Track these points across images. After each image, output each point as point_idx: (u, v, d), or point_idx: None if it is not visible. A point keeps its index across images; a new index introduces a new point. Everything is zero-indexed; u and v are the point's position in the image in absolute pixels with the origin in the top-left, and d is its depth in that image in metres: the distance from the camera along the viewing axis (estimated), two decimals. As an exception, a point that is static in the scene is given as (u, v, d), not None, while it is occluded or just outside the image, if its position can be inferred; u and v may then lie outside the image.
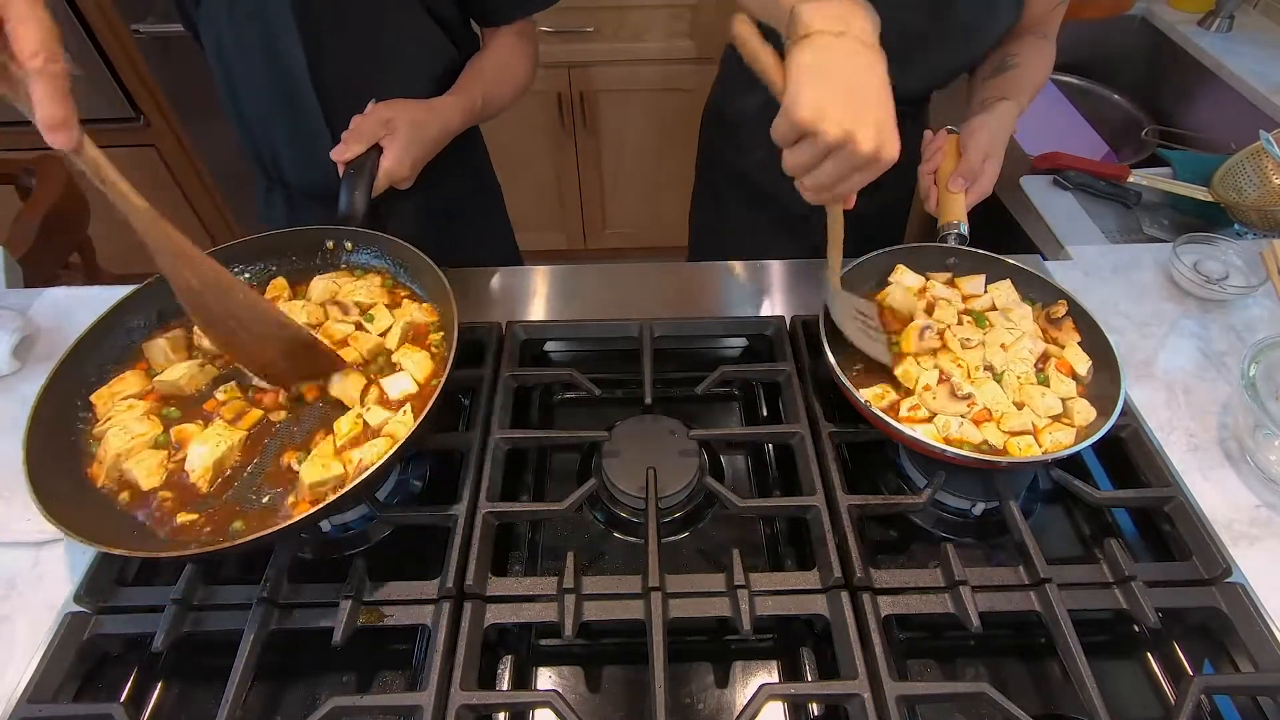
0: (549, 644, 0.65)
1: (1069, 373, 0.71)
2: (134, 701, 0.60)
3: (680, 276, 0.98)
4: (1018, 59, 0.91)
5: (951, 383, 0.69)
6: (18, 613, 0.64)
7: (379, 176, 0.78)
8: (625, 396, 0.83)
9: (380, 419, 0.63)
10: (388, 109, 0.80)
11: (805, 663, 0.62)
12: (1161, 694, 0.61)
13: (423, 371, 0.68)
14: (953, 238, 0.81)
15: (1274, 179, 1.11)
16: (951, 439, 0.66)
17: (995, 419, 0.68)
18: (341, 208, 0.76)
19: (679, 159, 2.22)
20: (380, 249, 0.78)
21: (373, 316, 0.72)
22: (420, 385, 0.67)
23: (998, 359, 0.72)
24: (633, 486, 0.69)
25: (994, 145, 0.81)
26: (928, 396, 0.69)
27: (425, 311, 0.74)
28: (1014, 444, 0.66)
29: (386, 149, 0.78)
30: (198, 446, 0.61)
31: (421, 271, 0.76)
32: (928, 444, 0.64)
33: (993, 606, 0.60)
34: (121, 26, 1.76)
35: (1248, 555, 0.66)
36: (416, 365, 0.68)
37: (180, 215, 2.23)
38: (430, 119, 0.84)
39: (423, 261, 0.74)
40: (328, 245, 0.79)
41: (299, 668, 0.62)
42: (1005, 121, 0.84)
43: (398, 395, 0.66)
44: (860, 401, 0.67)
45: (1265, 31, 1.55)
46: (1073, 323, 0.75)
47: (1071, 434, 0.66)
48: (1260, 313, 0.91)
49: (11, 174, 1.36)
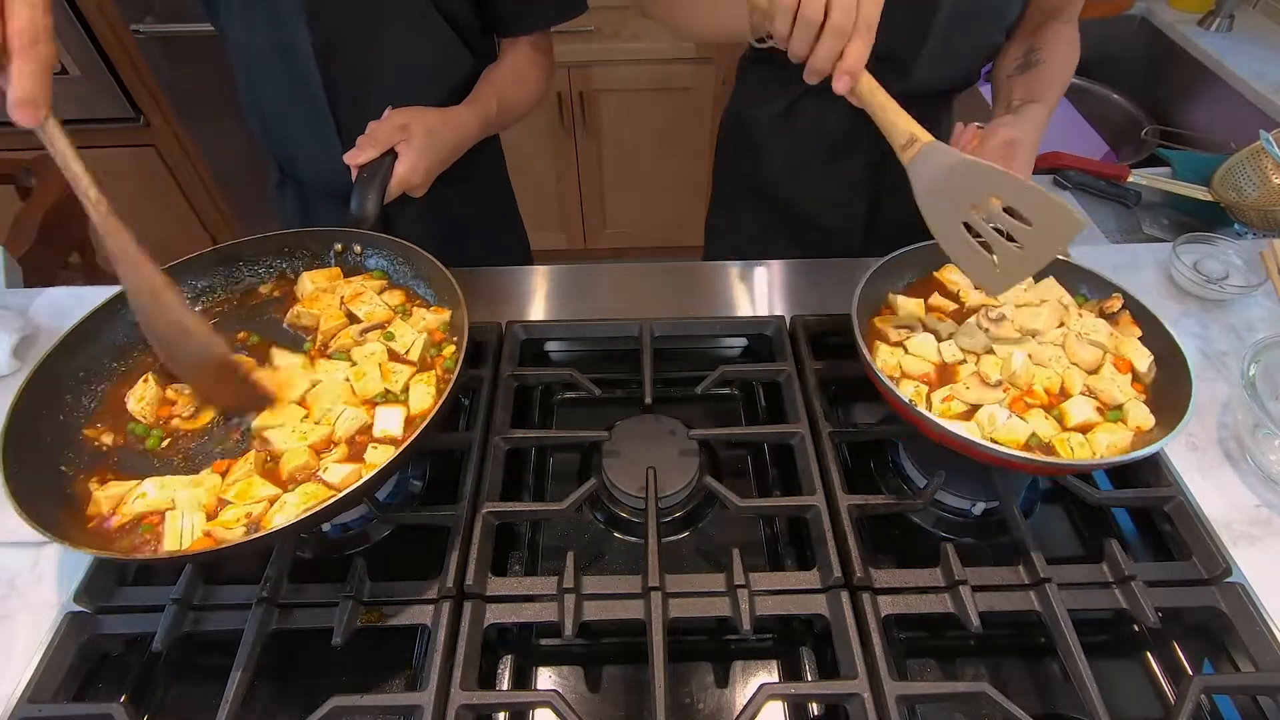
0: (549, 644, 0.65)
1: (1128, 370, 0.67)
2: (134, 701, 0.60)
3: (680, 276, 0.98)
4: (1042, 54, 0.89)
5: (980, 371, 0.66)
6: (18, 613, 0.64)
7: (392, 183, 0.78)
8: (625, 396, 0.83)
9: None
10: (404, 115, 0.81)
11: (805, 662, 0.62)
12: (1161, 694, 0.61)
13: (421, 406, 0.65)
14: None
15: (1274, 179, 1.11)
16: (999, 437, 0.61)
17: (1038, 400, 0.64)
18: (353, 211, 0.76)
19: (679, 159, 2.23)
20: (390, 252, 0.78)
21: (393, 334, 0.70)
22: (411, 417, 0.64)
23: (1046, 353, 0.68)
24: (633, 486, 0.69)
25: (1021, 143, 0.78)
26: (960, 388, 0.65)
27: (436, 313, 0.73)
28: (1063, 441, 0.62)
29: (401, 155, 0.78)
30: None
31: (431, 276, 0.75)
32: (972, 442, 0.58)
33: (993, 606, 0.60)
34: (121, 26, 1.76)
35: (1247, 555, 0.66)
36: (418, 399, 0.65)
37: (180, 215, 2.23)
38: (446, 127, 0.84)
39: (433, 265, 0.74)
40: (337, 247, 0.79)
41: (299, 668, 0.62)
42: (1036, 122, 0.81)
43: (379, 433, 0.63)
44: (904, 401, 0.62)
45: (1265, 31, 1.55)
46: (1130, 316, 0.71)
47: (1128, 436, 0.62)
48: (1260, 312, 0.91)
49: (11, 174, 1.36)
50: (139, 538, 0.57)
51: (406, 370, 0.67)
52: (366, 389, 0.66)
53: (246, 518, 0.57)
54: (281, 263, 0.79)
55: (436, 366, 0.69)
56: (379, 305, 0.74)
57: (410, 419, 0.64)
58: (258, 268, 0.78)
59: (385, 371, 0.67)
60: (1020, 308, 0.72)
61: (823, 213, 1.09)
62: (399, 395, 0.66)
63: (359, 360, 0.68)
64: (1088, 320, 0.71)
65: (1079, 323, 0.71)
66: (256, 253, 0.78)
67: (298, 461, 0.60)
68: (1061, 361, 0.68)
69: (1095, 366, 0.68)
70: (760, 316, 0.88)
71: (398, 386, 0.66)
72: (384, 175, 0.77)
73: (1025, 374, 0.66)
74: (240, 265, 0.78)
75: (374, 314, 0.73)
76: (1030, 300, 0.74)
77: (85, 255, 1.45)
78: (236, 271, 0.78)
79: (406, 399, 0.65)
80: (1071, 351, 0.68)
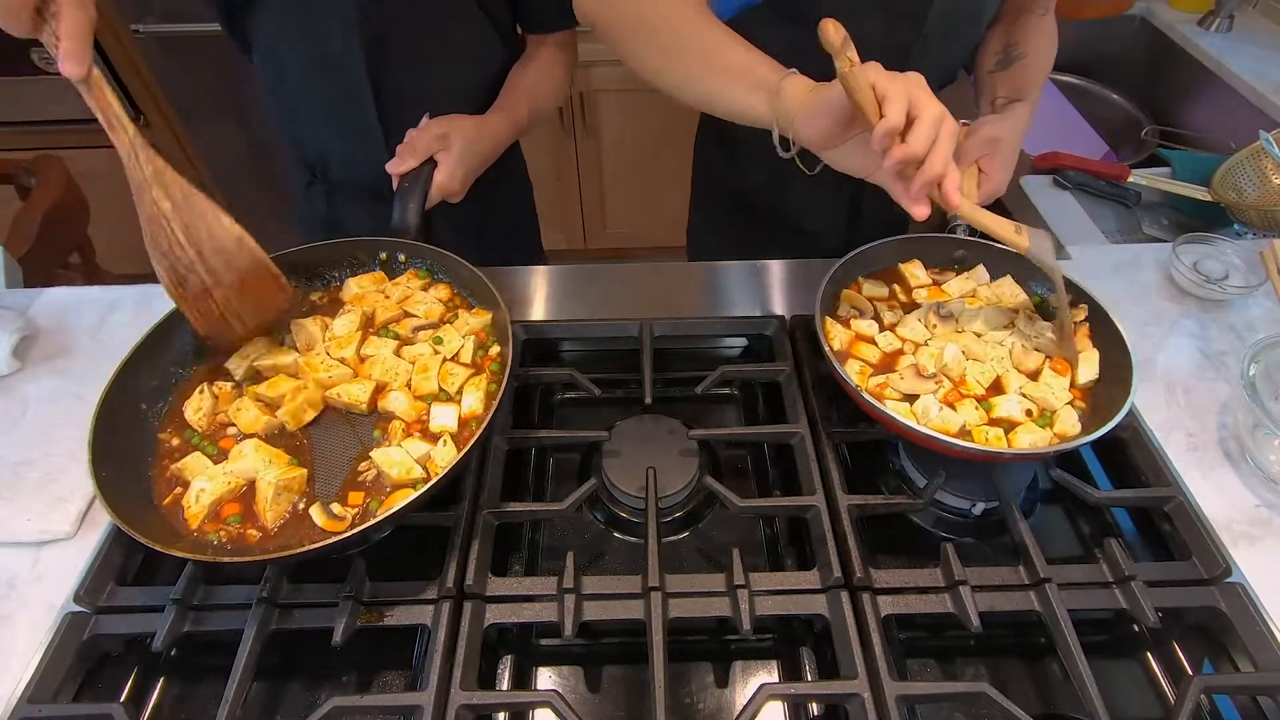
0: (549, 644, 0.65)
1: (1066, 372, 0.70)
2: (134, 701, 0.60)
3: (680, 276, 0.98)
4: (1023, 48, 0.88)
5: (917, 363, 0.69)
6: (18, 613, 0.64)
7: (432, 190, 0.80)
8: (625, 396, 0.83)
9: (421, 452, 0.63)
10: (443, 124, 0.82)
11: (805, 662, 0.62)
12: (1161, 694, 0.61)
13: (477, 407, 0.67)
14: (962, 229, 0.80)
15: (1273, 179, 1.11)
16: (932, 423, 0.65)
17: (971, 392, 0.68)
18: (395, 220, 0.78)
19: (679, 159, 2.21)
20: (431, 260, 0.79)
21: (441, 339, 0.72)
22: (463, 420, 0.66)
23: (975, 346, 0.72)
24: (633, 486, 0.69)
25: (1003, 142, 0.79)
26: (895, 377, 0.69)
27: (478, 315, 0.75)
28: (980, 430, 0.65)
29: (441, 164, 0.80)
30: (200, 482, 0.61)
31: (469, 281, 0.77)
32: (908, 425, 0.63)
33: (992, 606, 0.60)
34: (121, 26, 1.76)
35: (1247, 555, 0.66)
36: (475, 401, 0.67)
37: (180, 215, 2.23)
38: (483, 134, 0.86)
39: (470, 272, 0.75)
40: (382, 256, 0.80)
41: (299, 668, 0.62)
42: (1019, 121, 0.82)
43: (436, 428, 0.65)
44: (850, 384, 0.66)
45: (1265, 31, 1.55)
46: (1089, 329, 0.74)
47: (1047, 436, 0.65)
48: (1260, 312, 0.91)
49: (11, 174, 1.36)
50: (230, 529, 0.59)
51: (463, 371, 0.69)
52: (421, 388, 0.68)
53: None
54: (328, 271, 0.80)
55: (486, 367, 0.71)
56: (434, 303, 0.76)
57: (463, 419, 0.66)
58: (305, 277, 0.79)
59: (444, 373, 0.69)
60: (968, 306, 0.76)
61: (805, 219, 1.08)
62: (453, 395, 0.68)
63: (408, 358, 0.70)
64: (1037, 323, 0.74)
65: (1028, 326, 0.74)
66: (307, 262, 0.78)
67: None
68: (1004, 362, 0.71)
69: (1036, 372, 0.71)
70: (760, 316, 0.88)
71: (452, 388, 0.68)
72: (424, 184, 0.79)
73: (956, 366, 0.69)
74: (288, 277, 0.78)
75: (432, 311, 0.75)
76: (982, 299, 0.77)
77: (85, 255, 1.45)
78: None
79: (460, 399, 0.67)
80: (1017, 358, 0.71)
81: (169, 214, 0.62)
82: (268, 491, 0.59)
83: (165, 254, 0.63)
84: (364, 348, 0.72)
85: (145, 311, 0.90)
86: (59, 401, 0.79)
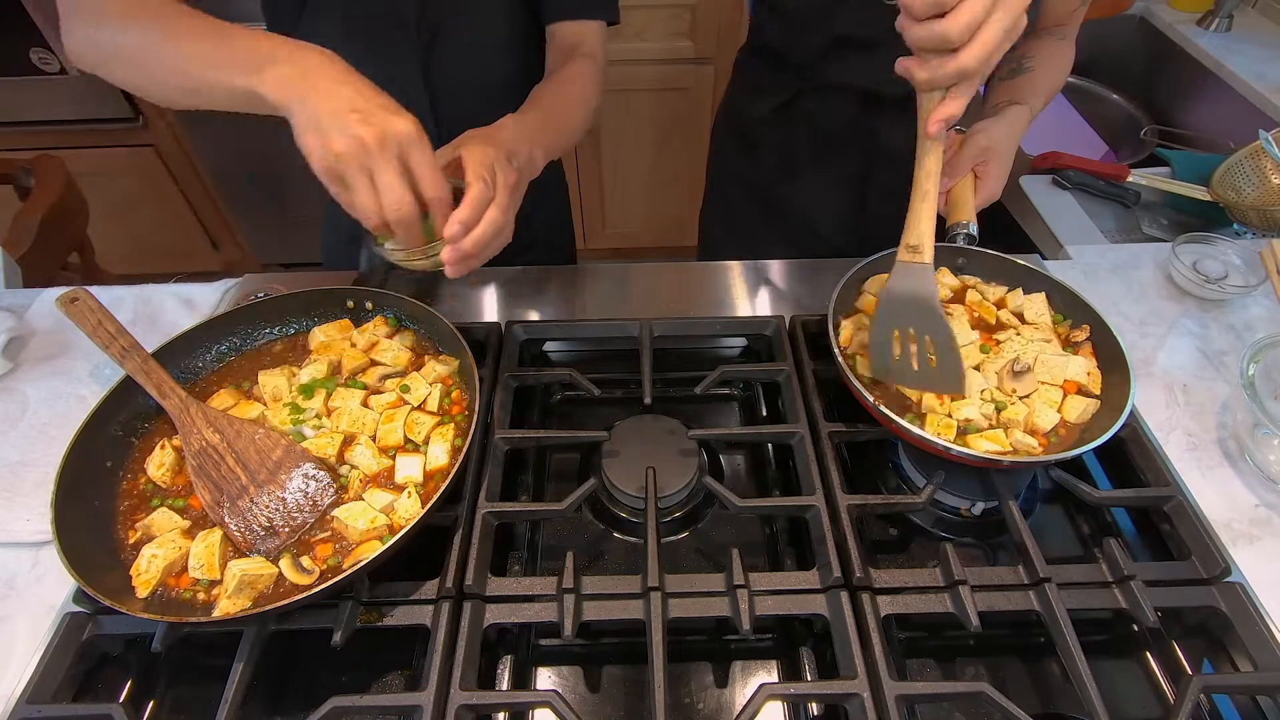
0: (549, 644, 0.65)
1: (1075, 391, 0.71)
2: (134, 701, 0.60)
3: (680, 276, 0.98)
4: (1033, 61, 0.89)
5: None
6: (17, 613, 0.64)
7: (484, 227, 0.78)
8: (625, 396, 0.83)
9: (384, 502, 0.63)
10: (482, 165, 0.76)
11: (805, 662, 0.62)
12: (1161, 693, 0.61)
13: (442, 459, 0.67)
14: (961, 237, 0.80)
15: (1273, 179, 1.11)
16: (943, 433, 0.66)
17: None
18: (362, 267, 0.80)
19: (679, 158, 2.23)
20: (395, 308, 0.79)
21: (408, 386, 0.72)
22: (428, 474, 0.66)
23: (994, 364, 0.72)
24: (632, 486, 0.69)
25: (997, 150, 0.79)
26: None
27: (445, 362, 0.75)
28: (978, 440, 0.66)
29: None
30: (151, 549, 0.59)
31: (434, 327, 0.76)
32: (928, 439, 0.64)
33: (992, 606, 0.60)
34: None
35: (1247, 555, 0.67)
36: (441, 453, 0.67)
37: (179, 215, 2.23)
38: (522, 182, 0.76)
39: (434, 318, 0.75)
40: (349, 304, 0.80)
41: (299, 668, 0.62)
42: (1014, 126, 0.82)
43: (401, 479, 0.65)
44: (869, 400, 0.67)
45: (1264, 31, 1.55)
46: (1091, 348, 0.75)
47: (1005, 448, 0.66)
48: (1259, 312, 0.91)
49: (11, 174, 1.36)
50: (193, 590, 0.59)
51: (429, 420, 0.69)
52: (387, 439, 0.68)
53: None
54: (294, 320, 0.80)
55: (453, 415, 0.71)
56: (401, 350, 0.76)
57: (428, 473, 0.66)
58: (269, 328, 0.79)
59: (410, 424, 0.69)
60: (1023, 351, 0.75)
61: (814, 211, 1.09)
62: (420, 445, 0.68)
63: (376, 407, 0.70)
64: (1048, 355, 0.73)
65: (1041, 351, 0.73)
66: (272, 313, 0.79)
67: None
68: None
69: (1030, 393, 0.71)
70: (760, 316, 0.88)
71: (419, 438, 0.68)
72: None
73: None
74: (255, 326, 0.79)
75: (400, 358, 0.75)
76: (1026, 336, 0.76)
77: (85, 255, 1.44)
78: (252, 331, 0.79)
79: (425, 451, 0.67)
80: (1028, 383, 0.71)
81: (218, 445, 0.66)
82: (230, 584, 0.57)
83: (212, 478, 0.64)
84: (331, 401, 0.71)
85: (145, 312, 0.90)
86: (58, 402, 0.79)
